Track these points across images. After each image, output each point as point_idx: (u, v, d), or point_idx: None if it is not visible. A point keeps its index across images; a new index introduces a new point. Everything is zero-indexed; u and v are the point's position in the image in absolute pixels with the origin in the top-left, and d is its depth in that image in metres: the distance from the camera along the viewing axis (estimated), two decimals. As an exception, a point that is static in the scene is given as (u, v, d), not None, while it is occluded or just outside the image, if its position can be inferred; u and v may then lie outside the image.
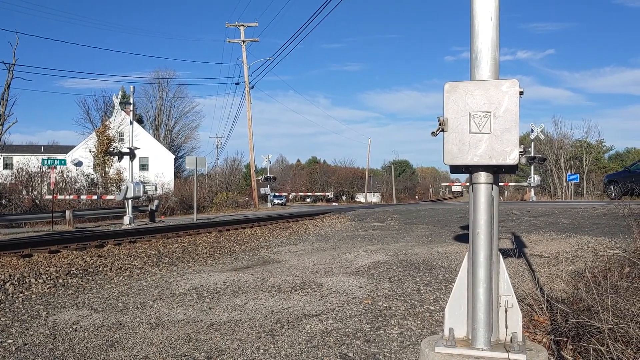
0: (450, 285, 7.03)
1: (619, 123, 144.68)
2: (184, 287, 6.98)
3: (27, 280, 7.12)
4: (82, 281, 7.55)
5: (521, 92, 2.70)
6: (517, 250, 9.21)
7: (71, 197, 32.12)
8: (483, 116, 2.70)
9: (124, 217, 21.28)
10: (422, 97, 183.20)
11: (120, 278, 7.91)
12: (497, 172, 2.80)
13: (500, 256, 2.85)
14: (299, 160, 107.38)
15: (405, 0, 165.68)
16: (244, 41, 44.73)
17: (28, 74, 62.80)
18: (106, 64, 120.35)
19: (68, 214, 22.08)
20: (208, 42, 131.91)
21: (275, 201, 58.09)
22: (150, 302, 6.12)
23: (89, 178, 40.99)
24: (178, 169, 67.00)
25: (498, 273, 2.82)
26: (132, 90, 22.72)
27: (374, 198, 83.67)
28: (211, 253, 10.67)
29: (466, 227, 14.89)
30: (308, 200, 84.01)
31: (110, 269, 8.36)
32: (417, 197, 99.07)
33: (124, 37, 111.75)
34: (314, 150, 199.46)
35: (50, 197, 26.09)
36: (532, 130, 37.19)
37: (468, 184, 2.93)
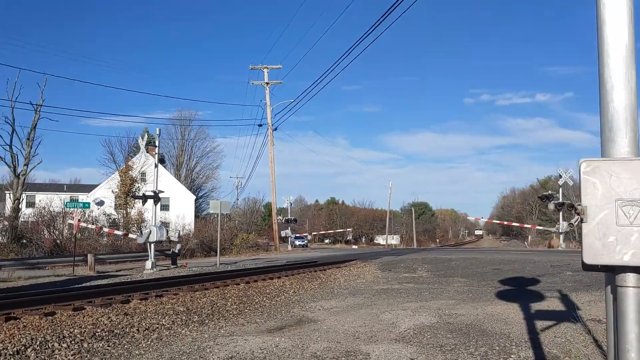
0: (510, 359, 6.36)
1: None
2: (219, 356, 6.39)
3: (49, 345, 6.59)
4: (108, 345, 7.00)
5: (681, 176, 2.17)
6: (572, 313, 8.49)
7: (93, 226, 32.13)
8: (635, 205, 2.17)
9: (146, 262, 20.82)
10: (440, 139, 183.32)
11: (149, 341, 7.35)
12: (648, 272, 2.25)
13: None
14: (317, 201, 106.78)
15: (422, 42, 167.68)
16: (267, 83, 45.00)
17: (54, 114, 63.93)
18: (130, 104, 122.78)
19: (90, 257, 21.70)
20: (231, 84, 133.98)
21: (297, 243, 57.23)
22: (185, 377, 5.54)
23: (110, 218, 40.83)
24: (198, 209, 66.79)
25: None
26: (157, 132, 22.45)
27: (393, 240, 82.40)
28: (241, 309, 10.07)
29: (505, 282, 14.14)
30: (327, 241, 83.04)
31: (138, 330, 7.80)
32: (437, 239, 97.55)
33: (147, 78, 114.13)
34: (332, 191, 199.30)
35: (72, 237, 25.86)
36: (561, 176, 36.27)
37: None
